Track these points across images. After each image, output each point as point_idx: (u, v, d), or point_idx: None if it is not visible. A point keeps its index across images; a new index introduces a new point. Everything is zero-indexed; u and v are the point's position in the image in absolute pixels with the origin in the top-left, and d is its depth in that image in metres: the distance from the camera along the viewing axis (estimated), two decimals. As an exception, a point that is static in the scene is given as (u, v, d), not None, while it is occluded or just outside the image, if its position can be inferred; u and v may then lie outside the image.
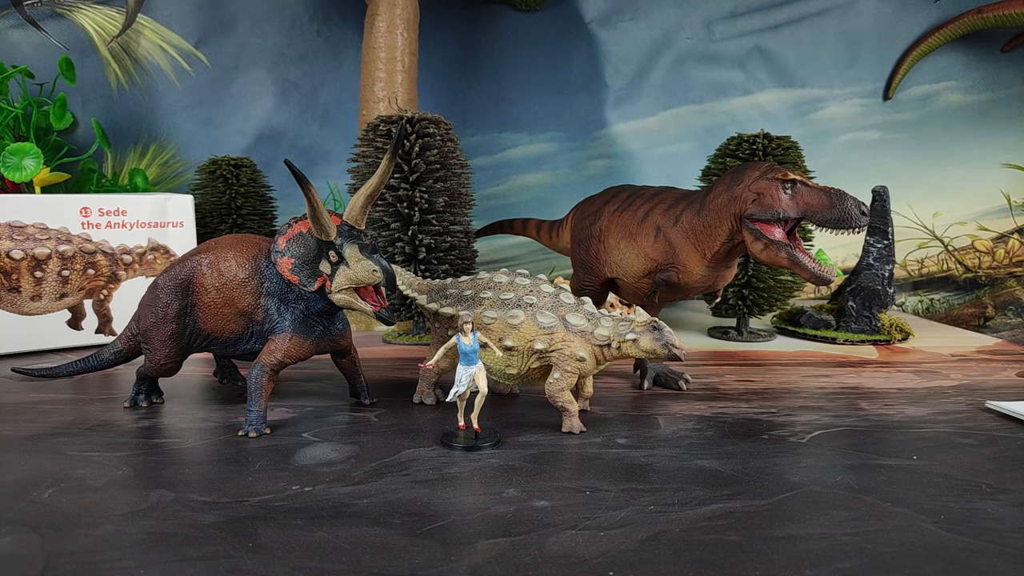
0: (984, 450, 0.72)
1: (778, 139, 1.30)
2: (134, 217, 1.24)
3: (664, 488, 0.61)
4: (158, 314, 0.80)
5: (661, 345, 0.72)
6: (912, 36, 1.90)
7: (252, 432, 0.75)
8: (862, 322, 1.35)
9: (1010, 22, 1.82)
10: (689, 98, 1.99)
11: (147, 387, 0.87)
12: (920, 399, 0.92)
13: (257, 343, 0.80)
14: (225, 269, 0.79)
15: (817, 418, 0.83)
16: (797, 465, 0.67)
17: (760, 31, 1.95)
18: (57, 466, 0.67)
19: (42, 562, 0.46)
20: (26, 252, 1.14)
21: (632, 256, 0.95)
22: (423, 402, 0.88)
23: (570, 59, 1.98)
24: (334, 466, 0.66)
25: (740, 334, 1.37)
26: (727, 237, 0.86)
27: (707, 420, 0.82)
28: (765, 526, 0.54)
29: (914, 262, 2.01)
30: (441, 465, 0.67)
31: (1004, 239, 1.97)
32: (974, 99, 1.92)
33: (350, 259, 0.71)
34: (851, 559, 0.49)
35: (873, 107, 1.95)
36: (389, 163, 0.72)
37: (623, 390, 0.97)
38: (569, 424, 0.76)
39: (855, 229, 0.79)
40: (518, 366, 0.77)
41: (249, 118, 1.90)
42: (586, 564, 0.48)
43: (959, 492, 0.61)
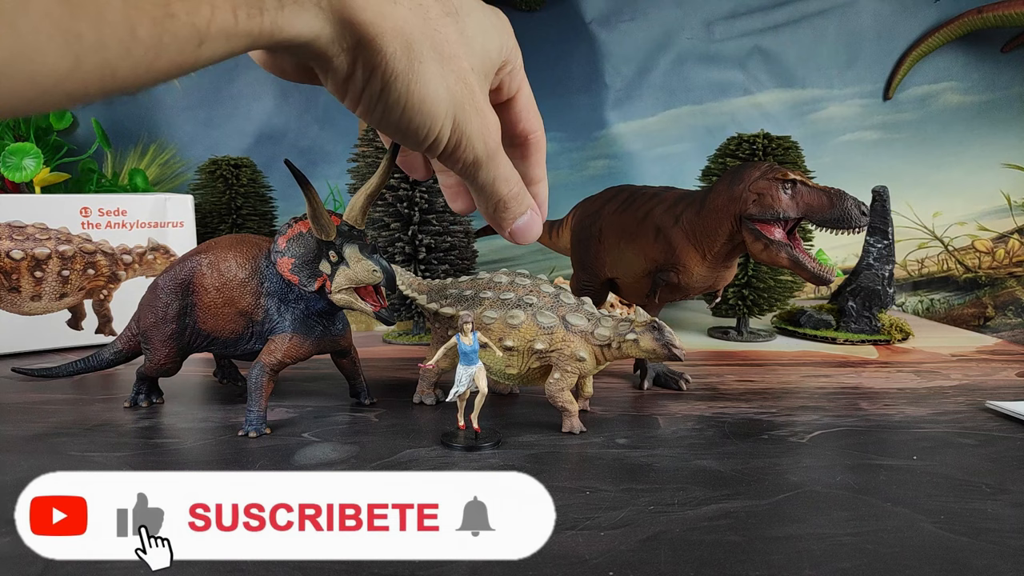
0: (984, 450, 0.72)
1: (778, 139, 1.30)
2: (134, 217, 1.24)
3: (664, 488, 0.61)
4: (158, 314, 0.80)
5: (661, 345, 0.72)
6: (912, 36, 1.90)
7: (252, 432, 0.75)
8: (862, 322, 1.35)
9: (1010, 22, 1.82)
10: (689, 98, 1.99)
11: (147, 387, 0.87)
12: (920, 399, 0.92)
13: (257, 343, 0.80)
14: (225, 269, 0.79)
15: (817, 418, 0.83)
16: (797, 465, 0.67)
17: (760, 31, 1.95)
18: (57, 466, 0.66)
19: (42, 562, 0.47)
20: (26, 252, 1.14)
21: (632, 256, 0.95)
22: (423, 402, 0.88)
23: (570, 59, 1.98)
24: (334, 466, 0.66)
25: (740, 334, 1.37)
26: (727, 237, 0.86)
27: (707, 420, 0.82)
28: (765, 526, 0.54)
29: (914, 262, 2.01)
30: (441, 465, 0.67)
31: (1004, 239, 1.97)
32: (974, 99, 1.92)
33: (350, 259, 0.71)
34: (851, 559, 0.49)
35: (873, 107, 1.95)
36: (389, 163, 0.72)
37: (623, 390, 0.97)
38: (569, 424, 0.76)
39: (855, 229, 0.79)
40: (518, 366, 0.77)
41: (249, 118, 1.90)
42: (586, 564, 0.48)
43: (959, 492, 0.61)
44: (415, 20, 0.47)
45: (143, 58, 0.30)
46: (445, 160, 0.55)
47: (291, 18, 0.38)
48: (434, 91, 0.48)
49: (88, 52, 0.28)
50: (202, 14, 0.32)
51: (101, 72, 0.29)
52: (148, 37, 0.30)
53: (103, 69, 0.29)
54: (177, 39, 0.31)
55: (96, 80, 0.29)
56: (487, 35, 0.55)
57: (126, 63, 0.30)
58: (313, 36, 0.40)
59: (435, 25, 0.49)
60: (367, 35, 0.43)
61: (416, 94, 0.47)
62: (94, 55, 0.28)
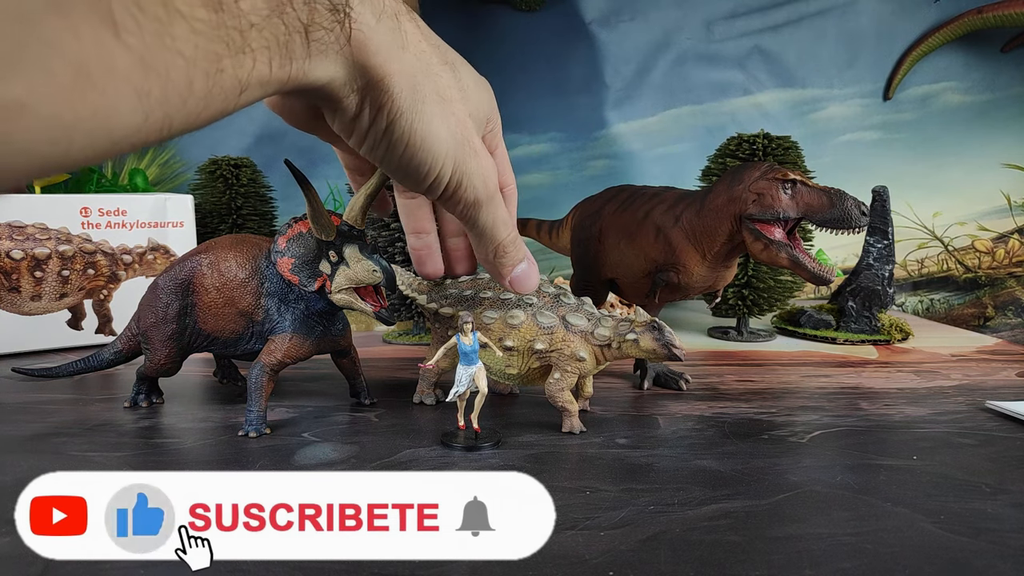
0: (984, 450, 0.72)
1: (778, 139, 1.30)
2: (134, 217, 1.24)
3: (664, 488, 0.61)
4: (158, 314, 0.80)
5: (661, 345, 0.72)
6: (912, 36, 1.90)
7: (252, 432, 0.75)
8: (862, 322, 1.35)
9: (1010, 22, 1.82)
10: (689, 98, 1.99)
11: (147, 387, 0.87)
12: (920, 399, 0.92)
13: (257, 343, 0.80)
14: (225, 269, 0.79)
15: (817, 418, 0.83)
16: (797, 465, 0.67)
17: (760, 31, 1.95)
18: (57, 466, 0.66)
19: (42, 562, 0.47)
20: (26, 252, 1.14)
21: (632, 256, 0.95)
22: (423, 402, 0.88)
23: (570, 59, 1.98)
24: (334, 466, 0.66)
25: (740, 334, 1.37)
26: (727, 237, 0.86)
27: (707, 420, 0.82)
28: (765, 526, 0.54)
29: (914, 262, 2.01)
30: (441, 465, 0.67)
31: (1004, 239, 1.97)
32: (974, 99, 1.92)
33: (350, 259, 0.72)
34: (851, 559, 0.49)
35: (873, 107, 1.96)
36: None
37: (623, 390, 0.97)
38: (569, 424, 0.76)
39: (855, 229, 0.79)
40: (518, 366, 0.77)
41: (250, 118, 1.90)
42: (586, 564, 0.48)
43: (959, 492, 0.61)
44: (420, 65, 0.51)
45: (195, 108, 0.34)
46: (446, 201, 0.58)
47: (316, 64, 0.42)
48: (436, 130, 0.51)
49: (155, 107, 0.32)
50: (245, 67, 0.36)
51: (162, 124, 0.33)
52: (201, 90, 0.34)
53: (164, 121, 0.33)
54: (224, 90, 0.35)
55: (156, 131, 0.33)
56: (478, 89, 0.60)
57: (181, 114, 0.34)
58: (329, 79, 0.44)
59: (437, 71, 0.54)
60: (377, 76, 0.47)
61: (419, 132, 0.51)
62: (158, 109, 0.32)
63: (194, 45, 0.32)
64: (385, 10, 0.47)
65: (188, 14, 0.32)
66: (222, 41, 0.34)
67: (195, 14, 0.32)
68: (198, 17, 0.32)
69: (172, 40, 0.31)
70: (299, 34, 0.39)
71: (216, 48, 0.34)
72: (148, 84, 0.31)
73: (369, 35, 0.45)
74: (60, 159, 0.29)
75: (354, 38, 0.44)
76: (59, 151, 0.29)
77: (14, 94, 0.26)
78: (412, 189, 0.57)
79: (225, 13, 0.34)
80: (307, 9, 0.39)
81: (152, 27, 0.30)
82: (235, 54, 0.35)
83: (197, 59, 0.33)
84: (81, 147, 0.29)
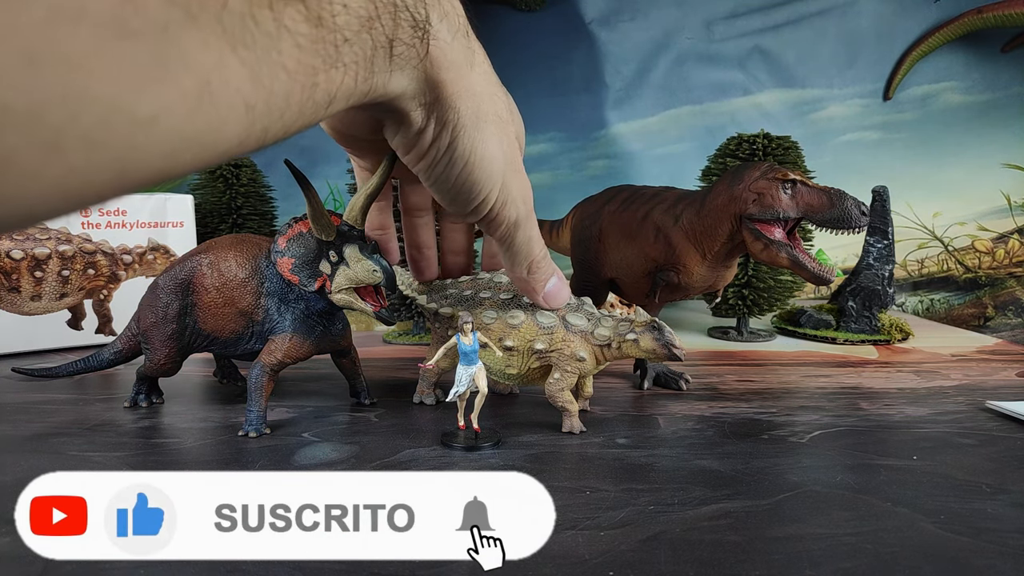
0: (984, 450, 0.72)
1: (778, 139, 1.30)
2: (134, 217, 1.24)
3: (664, 488, 0.61)
4: (158, 314, 0.80)
5: (661, 345, 0.72)
6: (912, 36, 1.90)
7: (252, 432, 0.75)
8: (862, 322, 1.35)
9: (1010, 22, 1.82)
10: (689, 98, 1.99)
11: (147, 387, 0.87)
12: (920, 399, 0.92)
13: (257, 343, 0.80)
14: (225, 269, 0.79)
15: (817, 418, 0.83)
16: (797, 465, 0.67)
17: (760, 31, 1.95)
18: (57, 466, 0.66)
19: (42, 562, 0.46)
20: (26, 252, 1.14)
21: (632, 256, 0.95)
22: (423, 402, 0.88)
23: (570, 59, 1.98)
24: (334, 466, 0.66)
25: (740, 334, 1.37)
26: (727, 237, 0.86)
27: (707, 420, 0.82)
28: (765, 526, 0.54)
29: (914, 262, 2.01)
30: (441, 465, 0.67)
31: (1004, 239, 1.97)
32: (974, 99, 1.92)
33: (350, 259, 0.71)
34: (851, 559, 0.49)
35: (873, 107, 1.96)
36: (389, 164, 0.72)
37: (623, 390, 0.97)
38: (569, 424, 0.76)
39: (855, 229, 0.79)
40: (518, 366, 0.77)
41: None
42: (586, 564, 0.48)
43: (959, 492, 0.61)
44: (484, 85, 0.54)
45: (289, 120, 0.35)
46: (489, 223, 0.60)
47: (395, 78, 0.43)
48: (492, 151, 0.53)
49: (257, 119, 0.32)
50: (335, 80, 0.37)
51: (260, 136, 0.34)
52: (297, 103, 0.35)
53: (262, 132, 0.34)
54: (315, 103, 0.36)
55: (254, 143, 0.34)
56: (517, 110, 0.62)
57: (277, 125, 0.34)
58: (400, 91, 0.45)
59: (496, 91, 0.56)
60: (446, 92, 0.48)
61: (479, 151, 0.52)
62: (259, 121, 0.33)
63: (296, 60, 0.33)
64: (460, 28, 0.48)
65: (293, 29, 0.32)
66: (319, 55, 0.35)
67: (299, 29, 0.33)
68: (301, 32, 0.33)
69: (279, 54, 0.32)
70: (384, 48, 0.40)
71: (314, 62, 0.34)
72: (256, 97, 0.31)
73: (445, 51, 0.46)
74: (169, 171, 0.29)
75: (431, 54, 0.45)
76: (169, 164, 0.28)
77: (150, 109, 0.25)
78: (457, 210, 0.59)
79: (324, 28, 0.35)
80: (393, 25, 0.40)
81: (264, 42, 0.30)
82: (328, 68, 0.36)
83: (297, 73, 0.33)
84: (190, 159, 0.29)
